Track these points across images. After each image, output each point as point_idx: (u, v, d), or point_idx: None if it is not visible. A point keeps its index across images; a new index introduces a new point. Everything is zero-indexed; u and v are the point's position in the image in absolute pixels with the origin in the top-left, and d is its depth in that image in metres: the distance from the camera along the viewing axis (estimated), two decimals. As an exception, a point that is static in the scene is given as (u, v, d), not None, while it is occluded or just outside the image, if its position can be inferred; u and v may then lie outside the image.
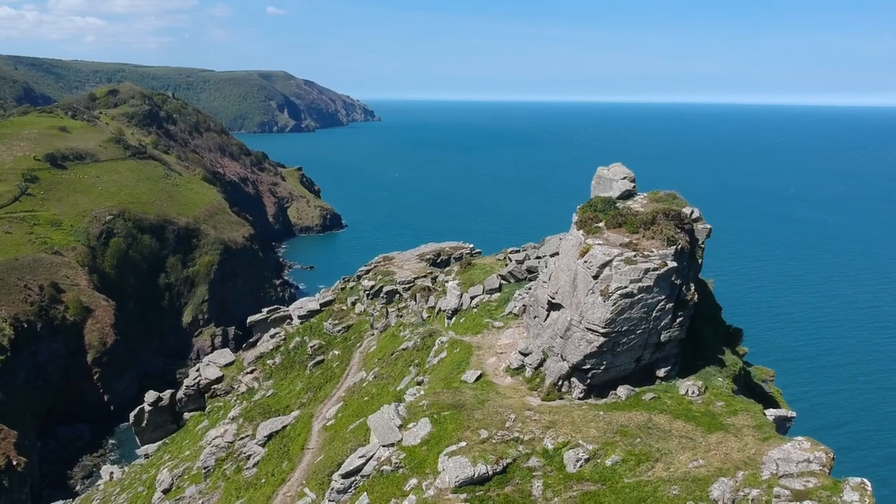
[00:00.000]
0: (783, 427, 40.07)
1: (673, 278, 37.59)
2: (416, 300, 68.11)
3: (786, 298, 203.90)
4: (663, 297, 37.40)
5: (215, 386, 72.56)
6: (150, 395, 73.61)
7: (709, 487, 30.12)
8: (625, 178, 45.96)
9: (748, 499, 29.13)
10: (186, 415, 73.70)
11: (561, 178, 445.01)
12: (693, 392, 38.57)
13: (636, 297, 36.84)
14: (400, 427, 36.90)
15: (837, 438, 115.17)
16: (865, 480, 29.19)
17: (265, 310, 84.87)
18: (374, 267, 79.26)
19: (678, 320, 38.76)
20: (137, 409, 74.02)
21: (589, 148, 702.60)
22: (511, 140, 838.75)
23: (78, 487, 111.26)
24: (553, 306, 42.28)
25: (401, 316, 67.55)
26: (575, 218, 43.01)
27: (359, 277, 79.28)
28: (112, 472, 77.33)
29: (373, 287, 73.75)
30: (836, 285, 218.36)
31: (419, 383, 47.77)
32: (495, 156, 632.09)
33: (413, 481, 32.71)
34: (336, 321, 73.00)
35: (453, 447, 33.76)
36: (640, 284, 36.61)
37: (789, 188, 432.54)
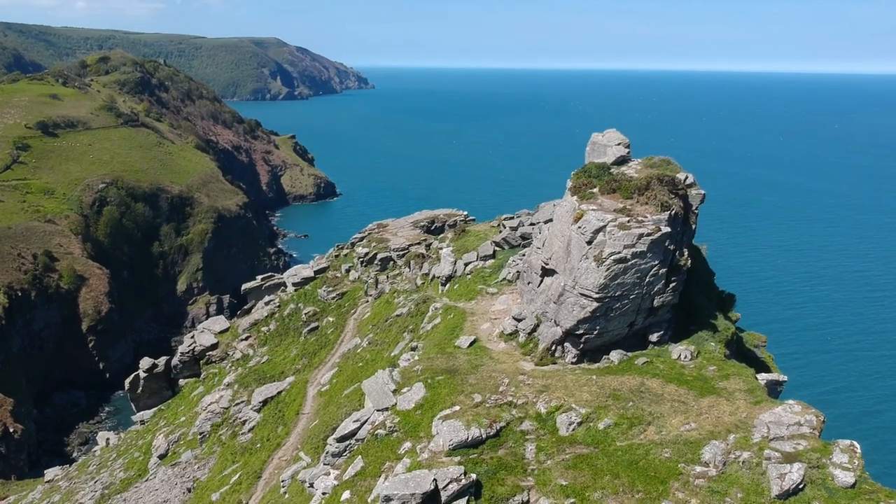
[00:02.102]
0: (775, 391, 40.37)
1: (666, 244, 37.57)
2: (410, 267, 68.15)
3: (778, 264, 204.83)
4: (657, 262, 37.41)
5: (210, 352, 72.83)
6: (145, 362, 73.82)
7: (700, 450, 30.39)
8: (619, 143, 45.70)
9: (739, 461, 29.42)
10: (181, 381, 74.01)
11: (556, 145, 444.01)
12: (685, 356, 38.77)
13: (630, 263, 36.84)
14: (394, 392, 37.08)
15: (828, 401, 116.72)
16: (855, 443, 29.51)
17: (259, 277, 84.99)
18: (368, 234, 79.27)
19: (671, 285, 38.81)
20: (132, 375, 74.32)
21: (584, 115, 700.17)
22: (506, 107, 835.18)
23: (75, 454, 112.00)
24: (547, 272, 42.29)
25: (395, 283, 67.64)
26: (569, 184, 42.84)
27: (353, 245, 79.33)
28: (108, 439, 77.82)
29: (367, 254, 73.76)
30: (827, 252, 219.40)
31: (413, 349, 47.91)
32: (490, 123, 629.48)
33: (407, 445, 32.94)
34: (330, 288, 73.12)
35: (447, 411, 33.94)
36: (633, 250, 36.59)
37: (783, 155, 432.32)
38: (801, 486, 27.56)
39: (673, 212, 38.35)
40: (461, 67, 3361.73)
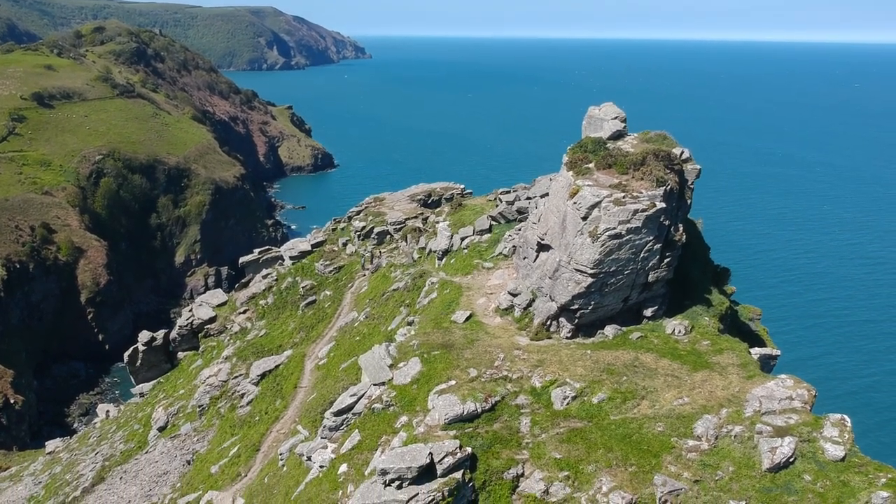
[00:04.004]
0: (768, 365, 40.70)
1: (661, 219, 37.67)
2: (406, 241, 68.26)
3: (775, 237, 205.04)
4: (651, 237, 37.55)
5: (208, 326, 73.09)
6: (144, 335, 74.09)
7: (693, 424, 30.80)
8: (616, 117, 45.57)
9: (731, 435, 29.83)
10: (180, 354, 74.36)
11: (554, 118, 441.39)
12: (679, 331, 39.06)
13: (624, 238, 36.98)
14: (391, 366, 37.35)
15: (820, 373, 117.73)
16: (845, 417, 29.90)
17: (257, 250, 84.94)
18: (365, 208, 79.16)
19: (666, 261, 38.99)
20: (131, 349, 74.63)
21: (583, 85, 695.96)
22: (505, 78, 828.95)
23: (75, 424, 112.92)
24: (542, 247, 42.43)
25: (391, 257, 67.77)
26: (565, 159, 42.80)
27: (350, 218, 79.27)
28: (108, 411, 78.35)
29: (364, 228, 73.78)
30: (822, 224, 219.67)
31: (410, 323, 48.19)
32: (488, 94, 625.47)
33: (403, 419, 33.27)
34: (327, 262, 73.23)
35: (443, 385, 34.25)
36: (628, 225, 36.70)
37: (782, 126, 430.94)
38: (791, 460, 27.99)
39: (668, 187, 38.41)
40: (460, 36, 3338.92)
